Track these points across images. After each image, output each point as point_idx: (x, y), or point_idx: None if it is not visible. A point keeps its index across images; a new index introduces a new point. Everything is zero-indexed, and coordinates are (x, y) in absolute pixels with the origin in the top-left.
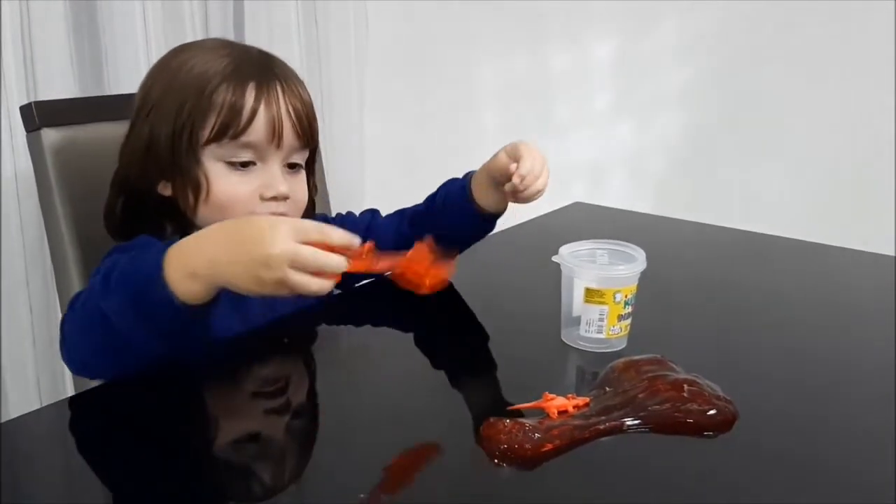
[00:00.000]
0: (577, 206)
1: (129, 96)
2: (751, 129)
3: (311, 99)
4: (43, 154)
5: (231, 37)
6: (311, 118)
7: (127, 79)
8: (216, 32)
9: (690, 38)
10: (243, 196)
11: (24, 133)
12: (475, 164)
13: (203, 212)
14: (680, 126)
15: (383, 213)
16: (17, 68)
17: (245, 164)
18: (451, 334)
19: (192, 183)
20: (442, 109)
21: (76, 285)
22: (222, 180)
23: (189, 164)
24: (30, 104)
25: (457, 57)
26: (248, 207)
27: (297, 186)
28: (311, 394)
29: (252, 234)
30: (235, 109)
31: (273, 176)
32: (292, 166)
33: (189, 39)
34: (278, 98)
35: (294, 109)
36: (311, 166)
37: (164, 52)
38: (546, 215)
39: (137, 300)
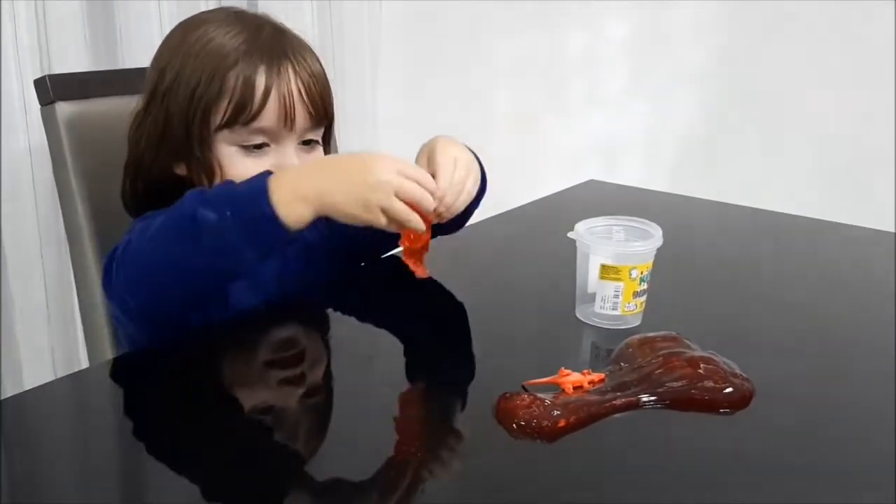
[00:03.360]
0: (592, 184)
1: (144, 70)
2: (765, 107)
3: (324, 72)
4: (57, 127)
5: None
6: (325, 94)
7: (141, 52)
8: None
9: (706, 18)
10: None
11: (39, 106)
12: (488, 142)
13: None
14: (694, 105)
15: None
16: (31, 41)
17: (258, 146)
18: (466, 310)
19: (206, 167)
20: (456, 87)
21: (91, 258)
22: (236, 164)
23: (202, 148)
24: (44, 77)
25: (471, 35)
26: None
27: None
28: (326, 369)
29: (358, 164)
30: (246, 96)
31: (286, 157)
32: (307, 142)
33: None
34: (289, 80)
35: (306, 90)
36: (328, 137)
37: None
38: (560, 192)
39: (239, 213)
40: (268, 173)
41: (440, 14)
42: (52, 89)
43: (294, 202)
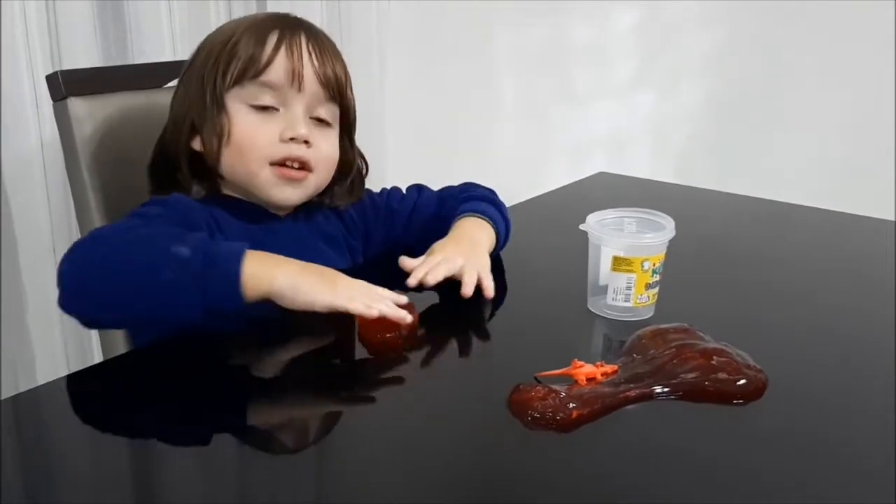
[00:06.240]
0: (602, 176)
1: (156, 65)
2: (772, 97)
3: (340, 55)
4: (69, 123)
5: (253, 7)
6: (338, 71)
7: (151, 48)
8: (238, 2)
9: (712, 7)
10: (263, 139)
11: (51, 102)
12: (496, 135)
13: (225, 158)
14: (702, 95)
15: (408, 184)
16: (42, 38)
17: (267, 108)
18: (478, 302)
19: (217, 127)
20: (464, 82)
21: None
22: (243, 121)
23: (215, 108)
24: (56, 73)
25: (478, 28)
26: (268, 151)
27: (323, 141)
28: (338, 363)
29: (334, 276)
30: (256, 52)
31: (295, 120)
32: (321, 121)
33: (212, 10)
34: (300, 45)
35: (317, 57)
36: (347, 129)
37: (187, 19)
38: (571, 185)
39: (210, 260)
40: (246, 245)
41: (447, 9)
42: (65, 85)
43: (261, 276)
